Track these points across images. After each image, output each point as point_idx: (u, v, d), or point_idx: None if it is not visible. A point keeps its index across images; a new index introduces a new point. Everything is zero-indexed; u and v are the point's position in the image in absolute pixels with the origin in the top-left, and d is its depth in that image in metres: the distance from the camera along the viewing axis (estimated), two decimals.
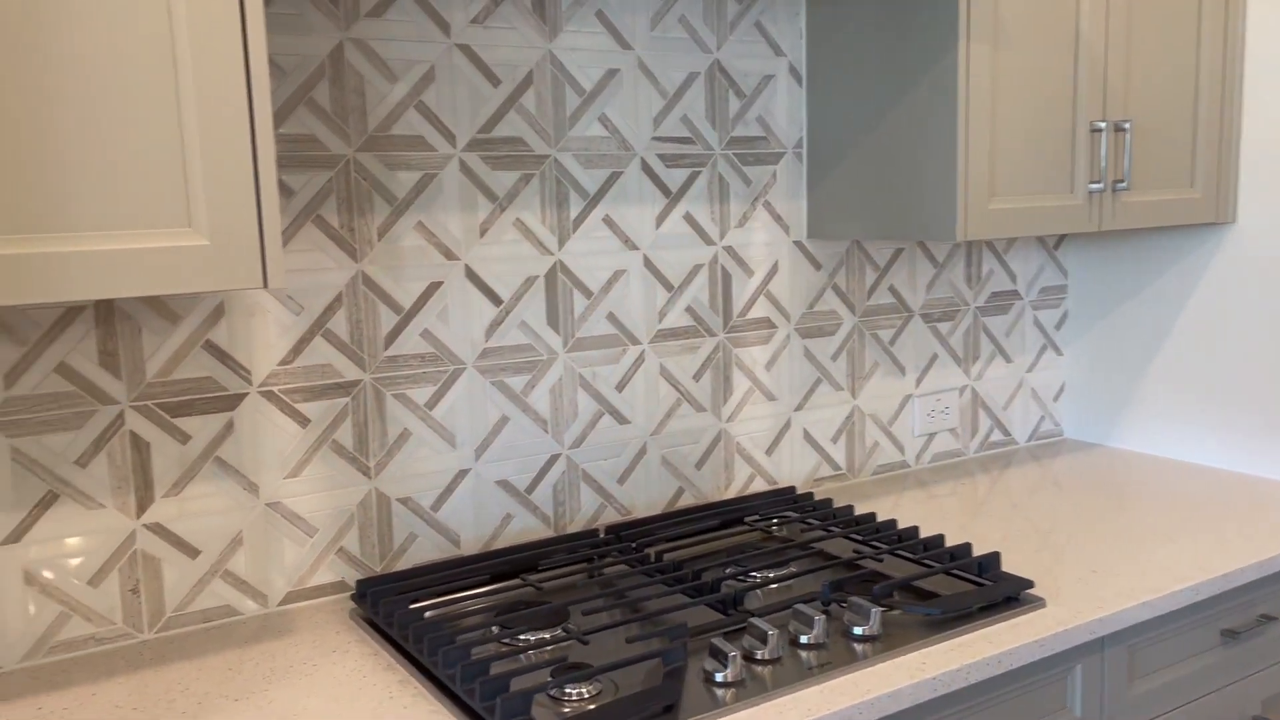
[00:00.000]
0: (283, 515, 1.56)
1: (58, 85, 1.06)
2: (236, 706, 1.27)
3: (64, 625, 1.43)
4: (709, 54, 1.88)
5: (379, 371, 1.62)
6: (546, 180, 1.73)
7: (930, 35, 1.73)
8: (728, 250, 1.94)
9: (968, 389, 2.32)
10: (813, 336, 2.07)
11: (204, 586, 1.52)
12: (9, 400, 1.36)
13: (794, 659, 1.34)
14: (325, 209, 1.55)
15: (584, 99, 1.75)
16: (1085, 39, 1.84)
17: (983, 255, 2.31)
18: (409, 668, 1.35)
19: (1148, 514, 1.90)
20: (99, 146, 1.08)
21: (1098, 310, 2.40)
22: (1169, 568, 1.63)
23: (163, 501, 1.48)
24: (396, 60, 1.59)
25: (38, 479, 1.39)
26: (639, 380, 1.87)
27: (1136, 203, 1.96)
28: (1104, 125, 1.87)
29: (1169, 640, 1.62)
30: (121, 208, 1.10)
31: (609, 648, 1.39)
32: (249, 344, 1.52)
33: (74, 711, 1.27)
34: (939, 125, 1.73)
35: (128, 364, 1.44)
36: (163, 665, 1.39)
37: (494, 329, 1.71)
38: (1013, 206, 1.79)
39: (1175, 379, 2.26)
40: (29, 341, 1.37)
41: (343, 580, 1.62)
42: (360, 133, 1.57)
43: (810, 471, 2.11)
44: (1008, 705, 1.43)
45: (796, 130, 2.00)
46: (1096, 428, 2.43)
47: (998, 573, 1.56)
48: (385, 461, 1.64)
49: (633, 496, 1.89)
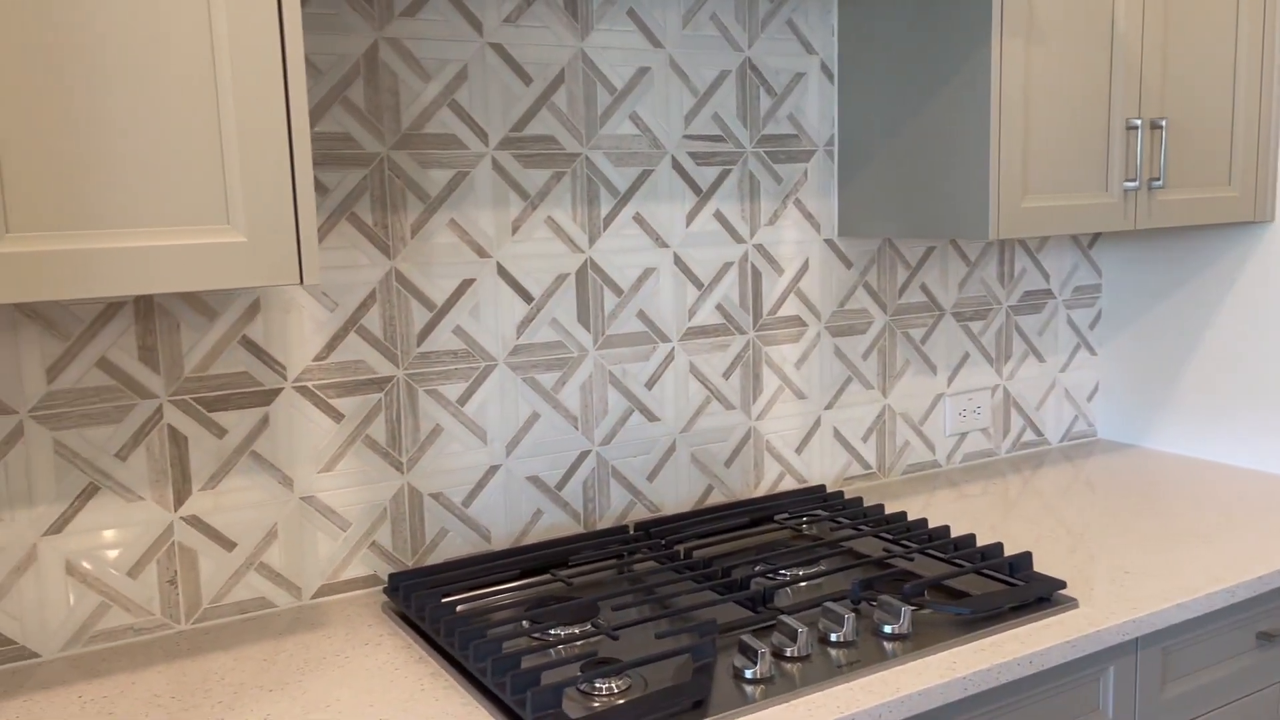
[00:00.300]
0: (316, 509, 1.58)
1: (100, 86, 1.08)
2: (271, 696, 1.29)
3: (103, 615, 1.45)
4: (740, 52, 1.88)
5: (411, 368, 1.63)
6: (578, 178, 1.74)
7: (964, 32, 1.72)
8: (758, 248, 1.94)
9: (1000, 388, 2.31)
10: (843, 335, 2.07)
11: (239, 579, 1.54)
12: (51, 394, 1.39)
13: (823, 657, 1.34)
14: (359, 206, 1.57)
15: (615, 97, 1.76)
16: (1121, 35, 1.83)
17: (1015, 254, 2.29)
18: (440, 661, 1.37)
19: (1182, 515, 1.89)
20: (140, 145, 1.10)
21: (1132, 310, 2.38)
22: (1204, 569, 1.62)
23: (200, 494, 1.50)
24: (430, 59, 1.60)
25: (79, 471, 1.42)
26: (669, 378, 1.87)
27: (1172, 201, 1.94)
28: (1139, 122, 1.86)
29: (1203, 642, 1.60)
30: (162, 205, 1.12)
31: (638, 643, 1.40)
32: (284, 340, 1.54)
33: (114, 700, 1.30)
34: (972, 123, 1.72)
35: (166, 359, 1.46)
36: (199, 655, 1.42)
37: (525, 326, 1.72)
38: (1046, 205, 1.78)
39: (1211, 379, 2.23)
40: (71, 336, 1.40)
41: (374, 574, 1.64)
42: (394, 131, 1.58)
43: (840, 470, 2.10)
44: (1038, 706, 1.42)
45: (828, 128, 2.00)
46: (1131, 428, 2.41)
47: (1029, 573, 1.55)
48: (417, 457, 1.65)
49: (662, 494, 1.89)
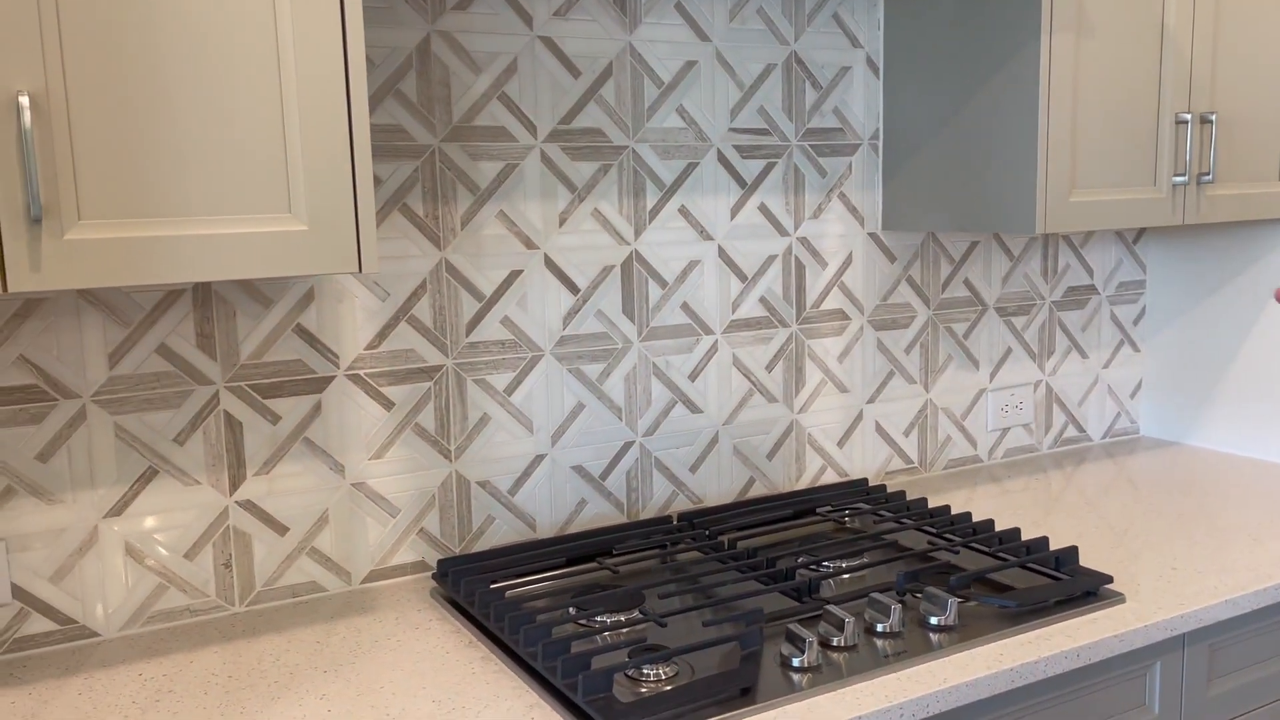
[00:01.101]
0: (367, 495, 1.61)
1: (168, 78, 1.11)
2: (326, 677, 1.32)
3: (161, 596, 1.48)
4: (786, 45, 1.89)
5: (460, 357, 1.66)
6: (624, 171, 1.76)
7: (1012, 27, 1.71)
8: (802, 241, 1.95)
9: (1042, 384, 2.30)
10: (886, 329, 2.07)
11: (291, 563, 1.57)
12: (113, 379, 1.42)
13: (869, 647, 1.34)
14: (411, 198, 1.59)
15: (662, 90, 1.77)
16: (1170, 30, 1.82)
17: (1059, 249, 2.28)
18: (490, 645, 1.39)
19: (1228, 513, 1.87)
20: (207, 136, 1.13)
21: (1177, 306, 2.36)
22: (1253, 566, 1.61)
23: (254, 479, 1.53)
24: (480, 52, 1.62)
25: (139, 455, 1.45)
26: (711, 370, 1.88)
27: (1221, 196, 1.93)
28: (1189, 117, 1.84)
29: (1250, 640, 1.60)
30: (226, 194, 1.15)
31: (684, 631, 1.41)
32: (337, 328, 1.57)
33: (173, 678, 1.33)
34: (1019, 117, 1.72)
35: (223, 346, 1.49)
36: (254, 637, 1.45)
37: (571, 317, 1.74)
38: (1093, 199, 1.77)
39: (1255, 377, 2.21)
40: (132, 323, 1.43)
41: (423, 560, 1.66)
42: (445, 123, 1.61)
43: (882, 464, 2.11)
44: (1083, 701, 1.42)
45: (873, 122, 2.00)
46: (1175, 425, 2.39)
47: (1075, 567, 1.55)
48: (465, 445, 1.67)
49: (704, 485, 1.90)
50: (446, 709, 1.23)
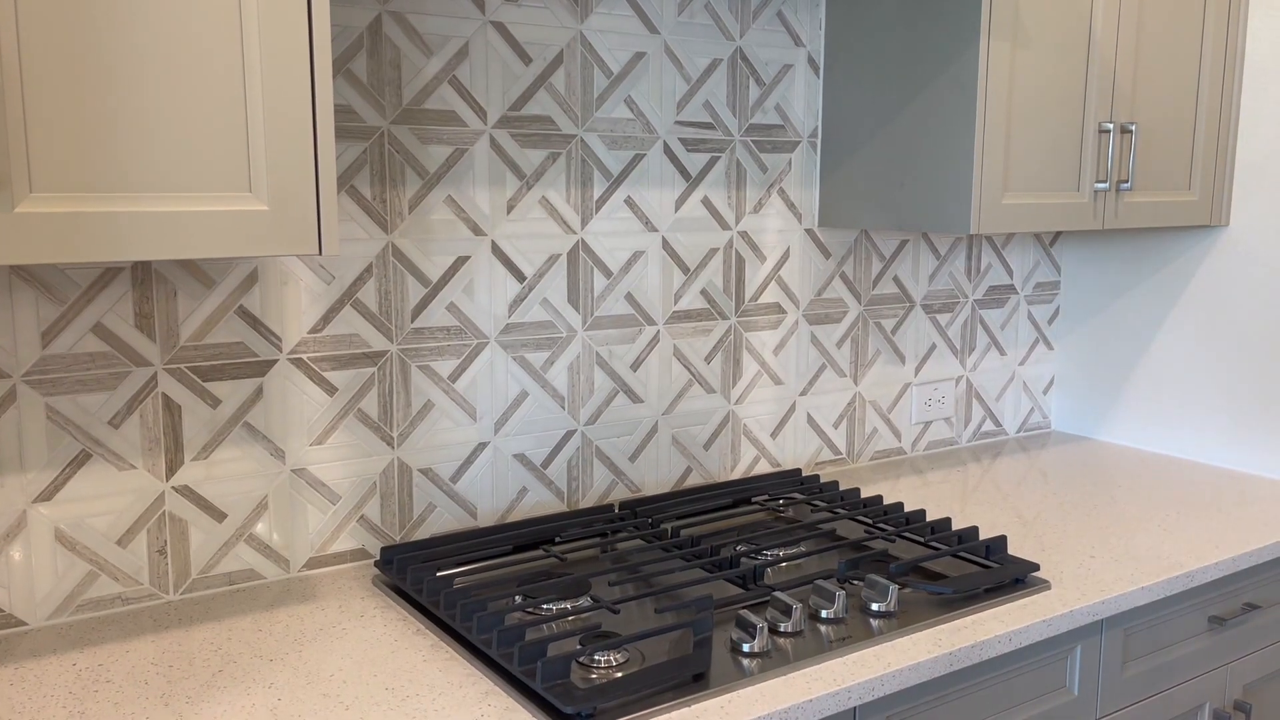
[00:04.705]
0: (307, 481, 1.58)
1: (127, 49, 1.07)
2: (271, 666, 1.29)
3: (91, 584, 1.43)
4: (732, 41, 1.91)
5: (405, 343, 1.64)
6: (572, 159, 1.76)
7: (951, 31, 1.77)
8: (742, 235, 1.98)
9: (963, 379, 2.38)
10: (819, 323, 2.12)
11: (229, 550, 1.53)
12: (45, 359, 1.37)
13: (815, 632, 1.38)
14: (359, 180, 1.57)
15: (611, 80, 1.78)
16: (1098, 41, 1.90)
17: (983, 249, 2.36)
18: (439, 632, 1.38)
19: (1136, 504, 1.97)
20: (165, 110, 1.09)
21: (1089, 307, 2.47)
22: (1163, 555, 1.70)
23: (192, 464, 1.49)
24: (432, 35, 1.60)
25: (71, 438, 1.40)
26: (653, 360, 1.90)
27: (1137, 203, 2.02)
28: (1111, 126, 1.93)
29: (1161, 625, 1.69)
30: (183, 171, 1.11)
31: (635, 618, 1.42)
32: (280, 311, 1.53)
33: (109, 668, 1.29)
34: (957, 120, 1.77)
35: (162, 327, 1.45)
36: (191, 626, 1.41)
37: (517, 305, 1.73)
38: (1023, 202, 1.84)
39: (1162, 376, 2.33)
40: (67, 301, 1.37)
41: (363, 548, 1.64)
42: (395, 105, 1.58)
43: (812, 455, 2.15)
44: (1010, 684, 1.48)
45: (812, 120, 2.04)
46: (1084, 421, 2.50)
47: (1004, 556, 1.61)
48: (408, 432, 1.66)
49: (643, 474, 1.92)
50: (400, 696, 1.22)
